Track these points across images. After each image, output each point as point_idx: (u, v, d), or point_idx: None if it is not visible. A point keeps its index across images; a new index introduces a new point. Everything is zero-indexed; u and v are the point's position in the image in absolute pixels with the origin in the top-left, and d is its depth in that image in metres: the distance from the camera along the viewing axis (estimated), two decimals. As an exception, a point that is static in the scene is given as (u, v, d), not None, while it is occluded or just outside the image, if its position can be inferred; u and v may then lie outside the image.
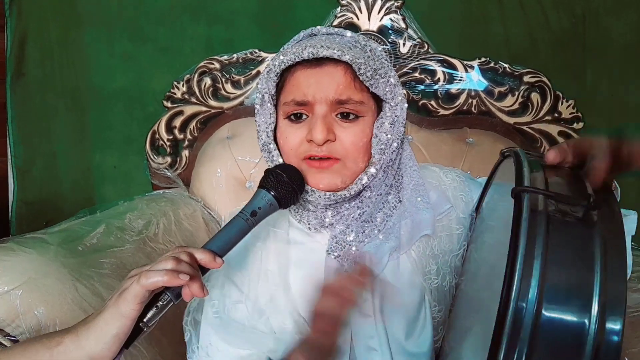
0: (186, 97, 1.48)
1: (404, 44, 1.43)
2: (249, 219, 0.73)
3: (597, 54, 1.56)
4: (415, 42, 1.43)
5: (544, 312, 0.46)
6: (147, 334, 0.67)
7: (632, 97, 1.57)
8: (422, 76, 1.44)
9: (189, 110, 1.48)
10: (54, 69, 1.72)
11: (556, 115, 1.42)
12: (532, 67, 1.42)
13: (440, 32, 1.51)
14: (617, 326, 0.45)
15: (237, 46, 1.53)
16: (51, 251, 0.96)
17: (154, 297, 0.65)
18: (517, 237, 0.49)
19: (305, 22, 1.60)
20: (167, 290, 0.65)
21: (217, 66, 1.46)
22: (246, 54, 1.46)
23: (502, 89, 1.43)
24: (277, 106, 0.85)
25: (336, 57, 0.78)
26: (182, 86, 1.47)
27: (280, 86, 0.84)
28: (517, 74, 1.42)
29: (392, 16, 1.43)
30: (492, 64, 1.42)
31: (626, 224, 0.83)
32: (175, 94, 1.48)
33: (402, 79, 1.41)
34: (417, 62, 1.43)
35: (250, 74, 1.46)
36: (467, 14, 1.59)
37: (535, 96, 1.42)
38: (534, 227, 0.49)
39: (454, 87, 1.44)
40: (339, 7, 1.44)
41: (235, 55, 1.46)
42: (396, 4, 1.42)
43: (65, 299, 0.90)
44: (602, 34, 1.56)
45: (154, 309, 0.65)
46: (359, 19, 1.43)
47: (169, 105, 1.48)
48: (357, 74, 0.79)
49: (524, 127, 1.44)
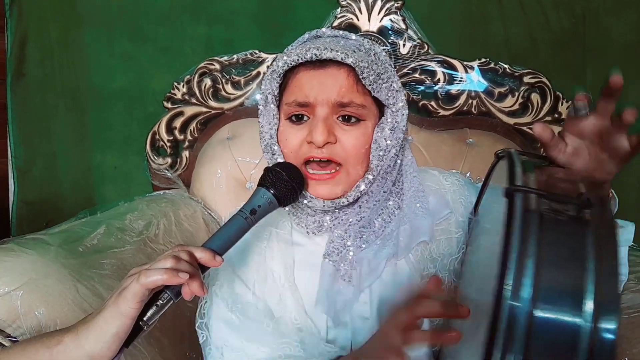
0: (186, 98, 1.48)
1: (404, 45, 1.43)
2: (249, 217, 0.73)
3: (597, 54, 1.56)
4: (415, 43, 1.43)
5: (538, 310, 0.46)
6: (146, 333, 0.67)
7: (632, 97, 1.57)
8: (422, 77, 1.44)
9: (189, 111, 1.48)
10: (54, 69, 1.72)
11: (556, 115, 1.41)
12: (532, 68, 1.42)
13: (440, 33, 1.51)
14: (612, 324, 0.45)
15: (237, 46, 1.53)
16: (52, 252, 0.96)
17: (154, 296, 0.66)
18: (510, 235, 0.49)
19: (305, 23, 1.62)
20: (166, 288, 0.65)
21: (217, 67, 1.46)
22: (246, 55, 1.46)
23: (502, 90, 1.43)
24: (279, 107, 0.85)
25: (339, 60, 0.77)
26: (183, 87, 1.47)
27: (283, 87, 0.83)
28: (517, 74, 1.42)
29: (392, 17, 1.43)
30: (492, 65, 1.42)
31: (623, 234, 0.83)
32: (175, 95, 1.48)
33: (402, 80, 1.40)
34: (417, 63, 1.43)
35: (250, 75, 1.46)
36: (467, 15, 1.59)
37: (535, 97, 1.42)
38: (526, 226, 0.49)
39: (454, 88, 1.43)
40: (339, 8, 1.44)
41: (235, 56, 1.46)
42: (396, 5, 1.42)
43: (65, 299, 0.90)
44: (602, 34, 1.56)
45: (154, 308, 0.65)
46: (359, 20, 1.43)
47: (169, 106, 1.48)
48: (360, 77, 0.78)
49: (524, 128, 1.43)
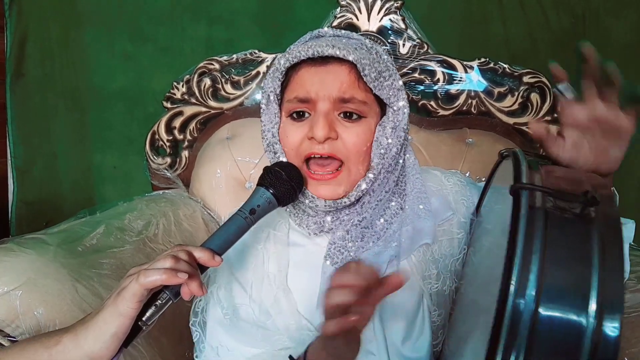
0: (186, 97, 1.48)
1: (404, 45, 1.43)
2: (248, 217, 0.73)
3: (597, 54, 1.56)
4: (414, 43, 1.43)
5: (542, 308, 0.46)
6: (145, 333, 0.67)
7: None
8: (422, 77, 1.44)
9: (188, 110, 1.48)
10: (54, 69, 1.72)
11: (556, 115, 1.41)
12: (531, 68, 1.42)
13: (439, 33, 1.51)
14: (616, 323, 0.45)
15: (237, 46, 1.52)
16: (51, 252, 0.95)
17: (153, 296, 0.66)
18: (516, 233, 0.49)
19: (305, 23, 1.62)
20: (166, 288, 0.65)
21: (216, 67, 1.46)
22: (246, 55, 1.46)
23: (501, 90, 1.43)
24: (281, 106, 0.85)
25: (341, 56, 0.77)
26: (182, 87, 1.47)
27: (285, 85, 0.83)
28: (516, 74, 1.42)
29: (391, 17, 1.42)
30: (491, 65, 1.42)
31: (624, 232, 0.83)
32: (175, 95, 1.48)
33: (401, 80, 1.41)
34: (416, 63, 1.43)
35: (250, 75, 1.46)
36: (466, 14, 1.59)
37: (534, 96, 1.42)
38: (532, 224, 0.49)
39: (453, 88, 1.43)
40: (339, 8, 1.44)
41: (235, 55, 1.46)
42: (396, 5, 1.42)
43: (64, 299, 0.90)
44: (602, 34, 1.56)
45: (153, 308, 0.65)
46: (358, 20, 1.43)
47: (168, 105, 1.48)
48: (362, 74, 0.78)
49: (524, 128, 1.43)
